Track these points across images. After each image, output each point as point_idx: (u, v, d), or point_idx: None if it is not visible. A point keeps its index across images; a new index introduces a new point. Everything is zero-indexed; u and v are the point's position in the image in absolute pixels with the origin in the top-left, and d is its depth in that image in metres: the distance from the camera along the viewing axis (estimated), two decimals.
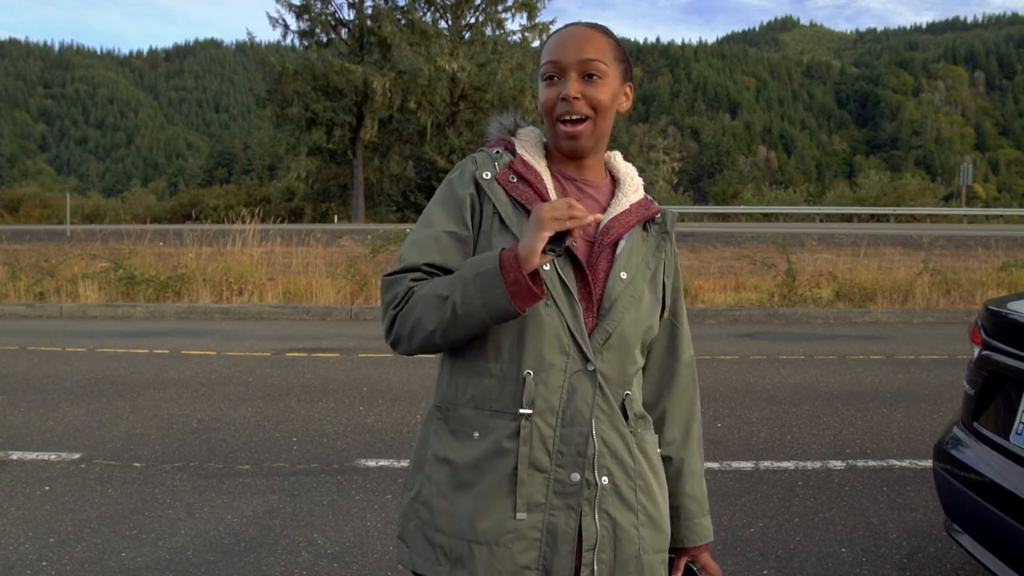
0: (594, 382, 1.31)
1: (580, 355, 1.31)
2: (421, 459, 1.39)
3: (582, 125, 1.34)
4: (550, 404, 1.30)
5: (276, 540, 3.28)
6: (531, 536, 1.29)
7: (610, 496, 1.33)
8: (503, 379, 1.31)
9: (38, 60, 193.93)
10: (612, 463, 1.33)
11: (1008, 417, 2.45)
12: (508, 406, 1.30)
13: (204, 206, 35.85)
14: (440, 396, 1.39)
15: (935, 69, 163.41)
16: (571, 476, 1.30)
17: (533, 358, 1.30)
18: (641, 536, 1.35)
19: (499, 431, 1.30)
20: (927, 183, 43.76)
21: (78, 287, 10.47)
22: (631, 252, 1.38)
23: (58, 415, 5.08)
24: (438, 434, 1.37)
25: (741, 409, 5.30)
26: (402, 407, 5.29)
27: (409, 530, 1.39)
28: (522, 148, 1.40)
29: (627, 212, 1.40)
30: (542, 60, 1.38)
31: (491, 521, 1.29)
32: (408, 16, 35.39)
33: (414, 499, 1.39)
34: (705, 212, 32.70)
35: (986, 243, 16.27)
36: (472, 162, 1.38)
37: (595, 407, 1.31)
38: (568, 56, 1.34)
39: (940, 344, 7.99)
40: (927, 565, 3.12)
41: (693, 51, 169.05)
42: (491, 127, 1.47)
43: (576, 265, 1.33)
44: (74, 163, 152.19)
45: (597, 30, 1.38)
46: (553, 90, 1.35)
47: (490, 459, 1.30)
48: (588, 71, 1.34)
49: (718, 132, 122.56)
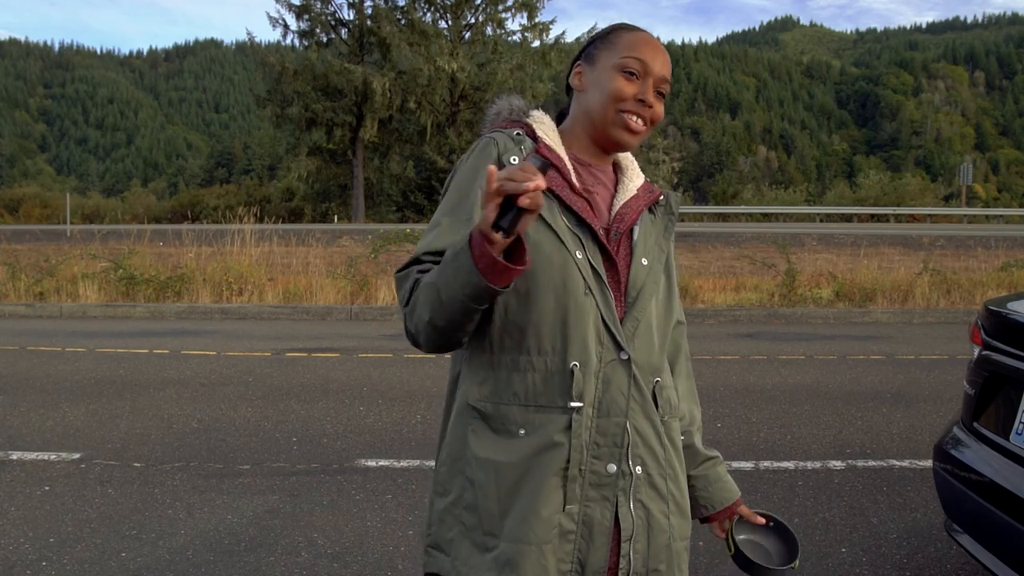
0: (628, 371, 1.30)
1: (614, 344, 1.29)
2: (459, 462, 1.33)
3: (642, 128, 1.36)
4: (587, 395, 1.28)
5: (276, 540, 3.28)
6: (569, 529, 1.28)
7: (643, 486, 1.32)
8: (548, 372, 1.28)
9: (38, 60, 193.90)
10: (645, 452, 1.32)
11: (1008, 417, 2.45)
12: (555, 400, 1.28)
13: (204, 206, 35.82)
14: (474, 395, 1.32)
15: (935, 69, 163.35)
16: (608, 467, 1.29)
17: (579, 349, 1.28)
18: (671, 525, 1.36)
19: (549, 426, 1.27)
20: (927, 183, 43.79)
21: (78, 287, 10.47)
22: (646, 237, 1.38)
23: (58, 415, 5.08)
24: (478, 434, 1.31)
25: (741, 409, 5.30)
26: (402, 407, 5.29)
27: (449, 538, 1.33)
28: (542, 132, 1.37)
29: (636, 197, 1.40)
30: (623, 51, 1.35)
31: (543, 518, 1.27)
32: (408, 16, 35.37)
33: (453, 504, 1.33)
34: (705, 212, 32.70)
35: (986, 243, 16.27)
36: (494, 144, 1.34)
37: (630, 397, 1.30)
38: (656, 65, 1.36)
39: (940, 344, 7.98)
40: (927, 565, 3.12)
41: (693, 51, 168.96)
42: (499, 107, 1.43)
43: (604, 252, 1.32)
44: (74, 163, 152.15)
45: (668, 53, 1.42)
46: (631, 86, 1.34)
47: (539, 455, 1.27)
48: (662, 88, 1.37)
49: (718, 132, 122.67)
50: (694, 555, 3.14)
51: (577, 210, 1.31)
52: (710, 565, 3.08)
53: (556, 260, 1.28)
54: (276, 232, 13.37)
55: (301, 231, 15.75)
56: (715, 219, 30.15)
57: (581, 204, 1.32)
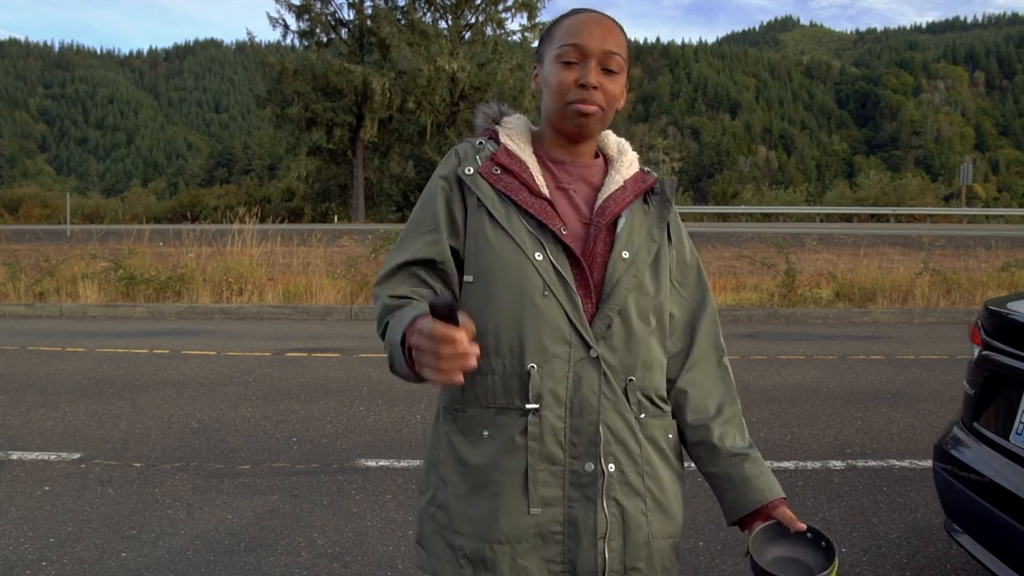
0: (599, 369, 1.29)
1: (582, 343, 1.29)
2: (434, 462, 1.38)
3: (594, 110, 1.33)
4: (557, 395, 1.28)
5: (276, 540, 3.28)
6: (553, 530, 1.29)
7: (616, 483, 1.31)
8: (506, 375, 1.29)
9: (38, 60, 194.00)
10: (618, 450, 1.31)
11: (1008, 417, 2.45)
12: (514, 401, 1.29)
13: (204, 206, 35.82)
14: (447, 398, 1.37)
15: (935, 69, 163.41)
16: (585, 466, 1.29)
17: (535, 351, 1.28)
18: (650, 522, 1.34)
19: (509, 428, 1.28)
20: (927, 183, 43.73)
21: (78, 287, 10.47)
22: (632, 229, 1.35)
23: (58, 415, 5.08)
24: (449, 436, 1.35)
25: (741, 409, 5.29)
26: (402, 407, 5.29)
27: (427, 535, 1.37)
28: (506, 136, 1.38)
29: (622, 189, 1.37)
30: (559, 40, 1.33)
31: (509, 519, 1.28)
32: (408, 16, 35.37)
33: (429, 503, 1.37)
34: (705, 212, 32.68)
35: (986, 243, 16.28)
36: (455, 156, 1.37)
37: (601, 395, 1.30)
38: (593, 43, 1.31)
39: (940, 344, 7.98)
40: (927, 565, 3.11)
41: (693, 51, 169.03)
42: (477, 118, 1.45)
43: (570, 254, 1.31)
44: (74, 163, 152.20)
45: (615, 23, 1.36)
46: (570, 74, 1.32)
47: (503, 456, 1.28)
48: (608, 63, 1.32)
49: (718, 132, 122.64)
50: (694, 555, 3.14)
51: (533, 213, 1.30)
52: (710, 565, 3.08)
53: (512, 263, 1.29)
54: (276, 232, 13.37)
55: (301, 231, 15.75)
56: (715, 219, 30.15)
57: (538, 206, 1.31)
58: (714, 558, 3.13)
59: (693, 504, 3.60)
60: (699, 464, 1.43)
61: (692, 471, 1.55)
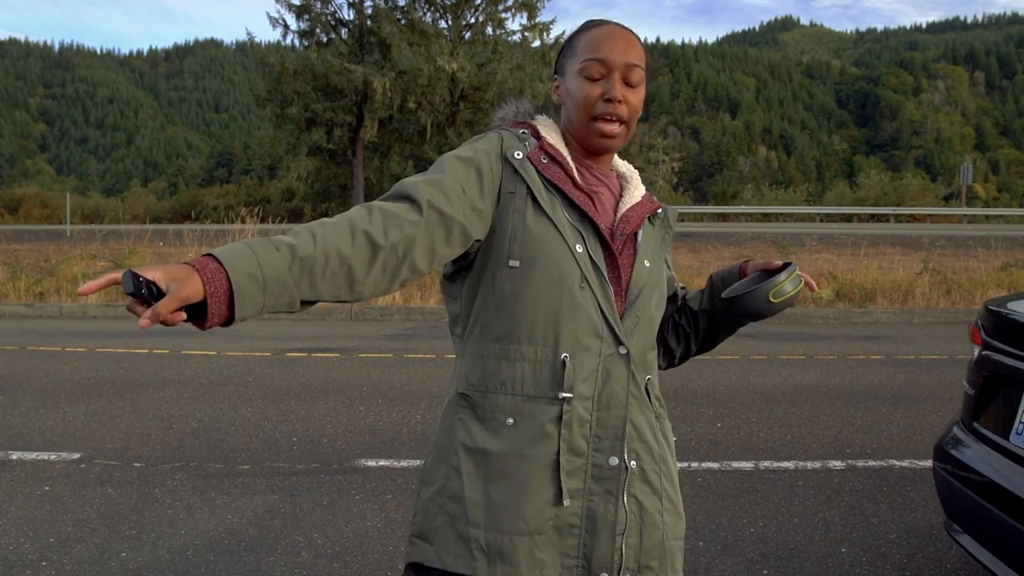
0: (627, 365, 1.32)
1: (613, 338, 1.31)
2: (445, 450, 1.33)
3: (619, 127, 1.36)
4: (585, 388, 1.29)
5: (276, 540, 3.28)
6: (571, 523, 1.28)
7: (637, 480, 1.32)
8: (537, 363, 1.29)
9: (38, 60, 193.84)
10: (640, 447, 1.33)
11: (1008, 417, 2.45)
12: (544, 390, 1.28)
13: (204, 206, 35.84)
14: (464, 383, 1.33)
15: (935, 69, 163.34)
16: (609, 460, 1.29)
17: (570, 341, 1.29)
18: (665, 522, 1.35)
19: (539, 416, 1.27)
20: (927, 183, 43.69)
21: (78, 287, 10.45)
22: (648, 242, 1.42)
23: (58, 415, 5.08)
24: (465, 423, 1.31)
25: (741, 409, 5.30)
26: (402, 407, 5.29)
27: (434, 527, 1.31)
28: (546, 132, 1.40)
29: (640, 204, 1.43)
30: (581, 55, 1.35)
31: (533, 510, 1.26)
32: (408, 16, 35.37)
33: (438, 493, 1.32)
34: (705, 212, 32.67)
35: (986, 243, 16.28)
36: (499, 139, 1.35)
37: (629, 391, 1.32)
38: (616, 57, 1.34)
39: (940, 344, 7.99)
40: (927, 565, 3.12)
41: (693, 51, 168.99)
42: (506, 111, 1.46)
43: (606, 248, 1.34)
44: (74, 163, 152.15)
45: (635, 35, 1.38)
46: (596, 88, 1.34)
47: (530, 445, 1.27)
48: (630, 76, 1.35)
49: (718, 132, 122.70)
50: (694, 555, 3.15)
51: (580, 204, 1.33)
52: (710, 565, 3.08)
53: (553, 253, 1.29)
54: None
55: None
56: (715, 219, 30.13)
57: (583, 199, 1.34)
58: (714, 558, 3.13)
59: (693, 504, 3.60)
60: (701, 314, 1.61)
61: (692, 471, 1.55)
